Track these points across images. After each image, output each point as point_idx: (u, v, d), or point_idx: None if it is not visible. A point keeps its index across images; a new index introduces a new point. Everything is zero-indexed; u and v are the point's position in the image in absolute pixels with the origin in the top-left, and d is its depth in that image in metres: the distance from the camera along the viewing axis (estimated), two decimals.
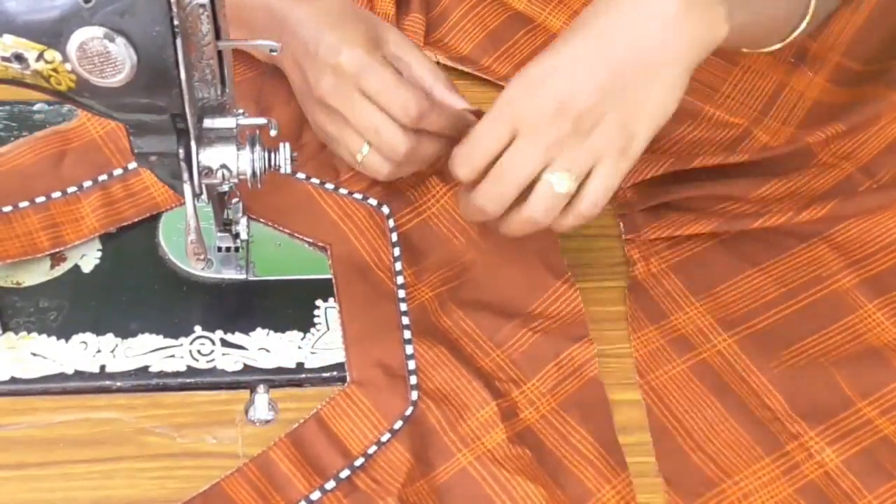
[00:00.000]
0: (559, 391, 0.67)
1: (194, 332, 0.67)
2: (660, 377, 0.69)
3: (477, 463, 0.63)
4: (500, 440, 0.64)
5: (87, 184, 0.72)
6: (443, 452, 0.64)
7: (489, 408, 0.65)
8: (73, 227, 0.70)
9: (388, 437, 0.63)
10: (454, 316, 0.70)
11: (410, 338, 0.68)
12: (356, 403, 0.65)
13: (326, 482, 0.61)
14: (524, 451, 0.64)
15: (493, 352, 0.69)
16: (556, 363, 0.68)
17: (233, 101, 0.58)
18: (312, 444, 0.63)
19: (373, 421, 0.64)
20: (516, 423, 0.65)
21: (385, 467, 0.62)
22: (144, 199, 0.72)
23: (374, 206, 0.74)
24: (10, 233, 0.69)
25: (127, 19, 0.49)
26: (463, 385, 0.66)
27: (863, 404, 0.67)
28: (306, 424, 0.64)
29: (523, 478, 0.62)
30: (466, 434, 0.64)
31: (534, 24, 0.87)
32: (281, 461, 0.62)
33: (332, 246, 0.72)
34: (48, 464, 0.61)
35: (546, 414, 0.66)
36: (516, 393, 0.67)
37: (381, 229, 0.73)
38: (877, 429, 0.66)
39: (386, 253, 0.72)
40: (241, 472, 0.61)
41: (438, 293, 0.71)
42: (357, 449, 0.63)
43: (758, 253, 0.75)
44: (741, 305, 0.72)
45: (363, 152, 0.69)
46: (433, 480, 0.63)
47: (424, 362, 0.67)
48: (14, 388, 0.63)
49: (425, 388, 0.66)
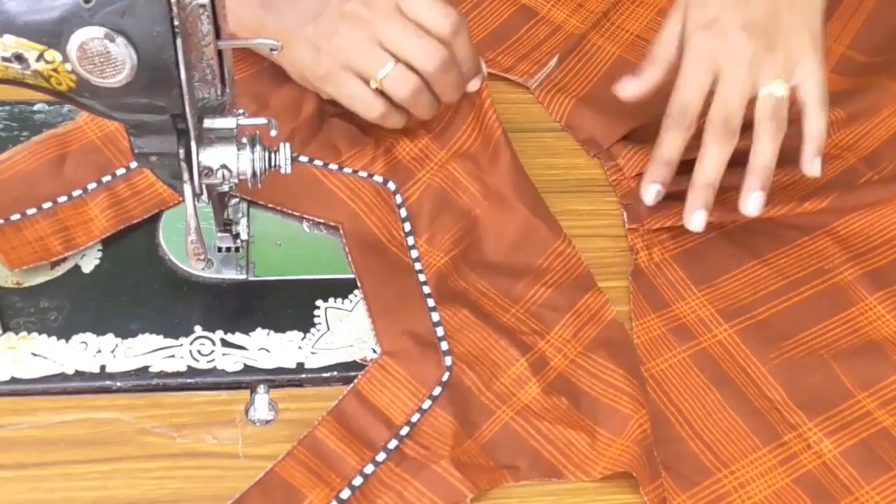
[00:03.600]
0: (582, 335, 0.69)
1: (194, 332, 0.67)
2: (660, 364, 0.69)
3: (518, 417, 0.65)
4: (536, 394, 0.66)
5: (91, 186, 0.72)
6: (483, 411, 0.65)
7: (519, 364, 0.67)
8: (84, 229, 0.70)
9: (429, 405, 0.64)
10: (469, 279, 0.72)
11: (435, 305, 0.69)
12: (392, 374, 0.66)
13: (377, 454, 0.62)
14: (560, 399, 0.66)
15: (512, 307, 0.70)
16: (573, 312, 0.70)
17: (233, 101, 0.58)
18: (356, 418, 0.64)
19: (411, 389, 0.65)
20: (548, 372, 0.67)
21: (431, 433, 0.63)
22: (151, 196, 0.72)
23: (381, 182, 0.75)
24: (22, 239, 0.69)
25: (127, 19, 0.49)
26: (491, 345, 0.67)
27: (862, 396, 0.68)
28: (346, 400, 0.64)
29: (564, 426, 0.64)
30: (502, 391, 0.66)
31: (538, 16, 0.88)
32: (328, 439, 0.62)
33: (344, 224, 0.72)
34: (48, 464, 0.61)
35: (575, 358, 0.68)
36: (542, 343, 0.69)
37: (390, 206, 0.74)
38: (875, 421, 0.67)
39: (397, 229, 0.73)
40: (293, 455, 0.62)
41: (452, 256, 0.72)
42: (400, 419, 0.64)
43: (760, 244, 0.76)
44: (742, 296, 0.73)
45: (387, 69, 0.70)
46: (479, 439, 0.64)
47: (451, 327, 0.68)
48: (14, 388, 0.63)
49: (456, 352, 0.67)
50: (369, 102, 0.72)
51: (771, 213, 0.75)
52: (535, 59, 0.86)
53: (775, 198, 0.76)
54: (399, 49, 0.70)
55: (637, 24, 0.88)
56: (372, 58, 0.70)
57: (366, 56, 0.70)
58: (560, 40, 0.87)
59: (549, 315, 0.70)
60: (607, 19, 0.88)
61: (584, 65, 0.86)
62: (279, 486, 0.60)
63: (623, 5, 0.89)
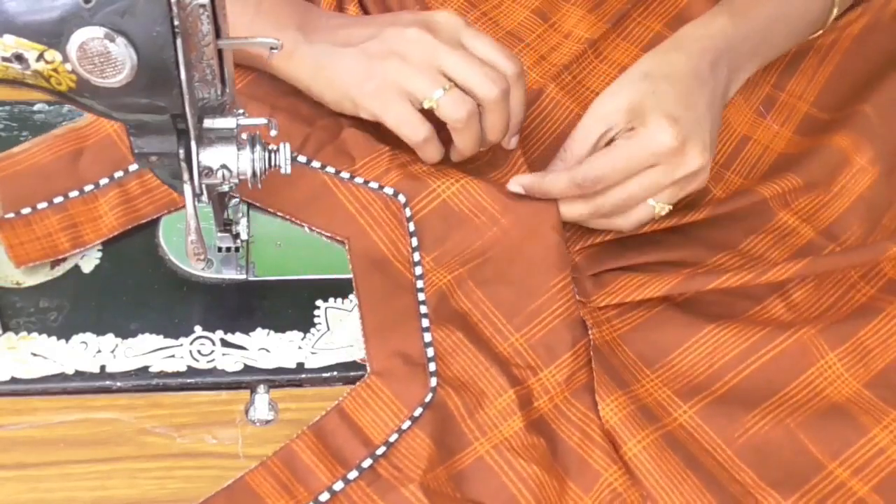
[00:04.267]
0: (574, 380, 0.67)
1: (194, 332, 0.67)
2: (635, 447, 0.64)
3: (494, 452, 0.64)
4: (518, 429, 0.64)
5: (103, 181, 0.72)
6: (461, 440, 0.64)
7: (507, 395, 0.65)
8: (92, 226, 0.70)
9: (408, 425, 0.64)
10: (473, 297, 0.70)
11: (429, 326, 0.68)
12: (377, 394, 0.65)
13: (349, 472, 0.62)
14: (539, 440, 0.64)
15: (512, 336, 0.69)
16: (573, 352, 0.68)
17: (233, 101, 0.58)
18: (334, 435, 0.63)
19: (393, 410, 0.64)
20: (532, 411, 0.66)
21: (406, 454, 0.63)
22: (161, 195, 0.72)
23: (391, 195, 0.74)
24: (31, 235, 0.69)
25: (127, 19, 0.49)
26: (481, 372, 0.66)
27: (833, 466, 0.65)
28: (328, 417, 0.64)
29: (539, 467, 0.63)
30: (484, 422, 0.65)
31: (523, 43, 0.85)
32: (303, 452, 0.62)
33: (349, 240, 0.72)
34: (48, 464, 0.61)
35: (559, 404, 0.67)
36: (532, 380, 0.67)
37: (399, 220, 0.73)
38: (850, 491, 0.64)
39: (404, 243, 0.72)
40: (265, 465, 0.61)
41: (458, 275, 0.71)
42: (379, 438, 0.63)
43: (712, 311, 0.71)
44: (699, 371, 0.69)
45: (445, 90, 0.70)
46: (451, 468, 0.63)
47: (443, 349, 0.67)
48: (14, 388, 0.63)
49: (444, 375, 0.66)
50: (416, 124, 0.71)
51: (726, 285, 0.70)
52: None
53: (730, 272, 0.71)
54: (461, 75, 0.70)
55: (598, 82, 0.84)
56: (429, 80, 0.70)
57: (423, 78, 0.70)
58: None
59: (547, 352, 0.68)
60: (569, 72, 0.83)
61: (540, 123, 0.81)
62: (245, 495, 0.60)
63: (586, 59, 0.85)
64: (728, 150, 0.81)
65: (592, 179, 0.69)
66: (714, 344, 0.69)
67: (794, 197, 0.77)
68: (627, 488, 0.63)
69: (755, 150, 0.81)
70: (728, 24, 0.75)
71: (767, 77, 0.84)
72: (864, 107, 0.80)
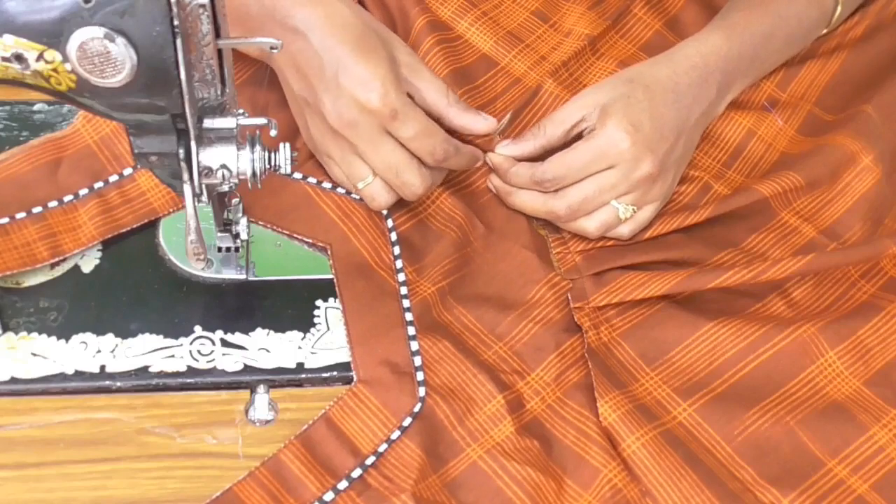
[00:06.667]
0: (564, 380, 0.68)
1: (194, 332, 0.67)
2: (633, 444, 0.64)
3: (487, 457, 0.63)
4: (509, 433, 0.64)
5: (83, 192, 0.72)
6: (452, 447, 0.64)
7: (496, 401, 0.65)
8: (72, 235, 0.70)
9: (397, 435, 0.64)
10: (455, 312, 0.70)
11: (415, 334, 0.68)
12: (364, 402, 0.65)
13: (339, 482, 0.61)
14: (532, 442, 0.64)
15: (496, 344, 0.69)
16: (558, 353, 0.68)
17: (233, 101, 0.58)
18: (323, 444, 0.63)
19: (381, 419, 0.64)
20: (524, 414, 0.66)
21: (397, 464, 0.62)
22: (141, 206, 0.72)
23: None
24: (9, 244, 0.68)
25: (127, 19, 0.49)
26: (469, 379, 0.66)
27: (833, 464, 0.65)
28: (315, 426, 0.64)
29: (534, 469, 0.63)
30: (475, 428, 0.64)
31: (498, 66, 0.84)
32: (292, 463, 0.62)
33: (332, 246, 0.72)
34: (48, 464, 0.61)
35: (552, 403, 0.67)
36: (521, 384, 0.67)
37: (381, 229, 0.73)
38: (850, 489, 0.64)
39: (386, 251, 0.72)
40: (253, 476, 0.61)
41: (440, 287, 0.71)
42: (367, 448, 0.63)
43: (713, 308, 0.71)
44: (698, 368, 0.69)
45: (367, 181, 0.70)
46: (445, 476, 0.63)
47: (430, 358, 0.67)
48: (14, 388, 0.63)
49: (432, 383, 0.66)
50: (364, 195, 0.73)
51: (727, 283, 0.70)
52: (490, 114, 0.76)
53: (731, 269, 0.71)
54: (385, 176, 0.70)
55: (594, 79, 0.83)
56: (355, 169, 0.71)
57: (349, 166, 0.71)
58: (517, 94, 0.83)
59: (532, 355, 0.68)
60: (566, 69, 0.83)
61: (536, 118, 0.80)
62: None
63: (584, 56, 0.84)
64: (731, 147, 0.81)
65: (551, 179, 0.71)
66: (714, 341, 0.69)
67: (795, 196, 0.77)
68: (627, 484, 0.63)
69: (758, 149, 0.81)
70: (723, 43, 0.76)
71: (771, 78, 0.84)
72: (867, 107, 0.81)
